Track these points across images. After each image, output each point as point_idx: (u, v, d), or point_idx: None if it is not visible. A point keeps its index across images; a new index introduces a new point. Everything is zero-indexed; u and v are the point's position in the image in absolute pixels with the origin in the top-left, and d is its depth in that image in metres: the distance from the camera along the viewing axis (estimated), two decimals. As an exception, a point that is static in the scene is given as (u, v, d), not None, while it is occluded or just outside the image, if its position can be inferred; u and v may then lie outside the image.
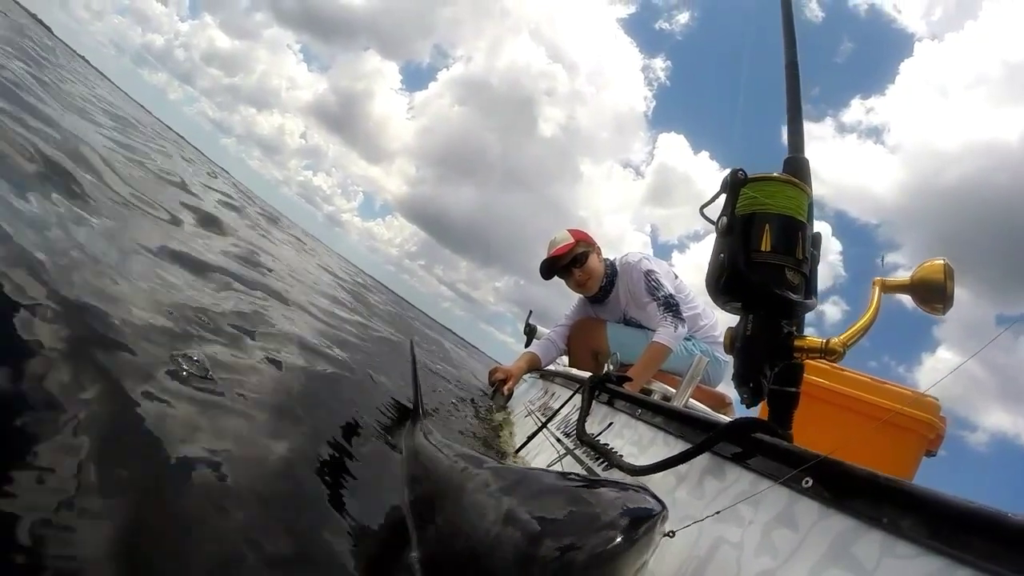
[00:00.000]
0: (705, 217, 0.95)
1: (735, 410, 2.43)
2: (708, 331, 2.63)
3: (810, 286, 0.91)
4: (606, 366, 1.66)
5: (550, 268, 2.72)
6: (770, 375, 0.85)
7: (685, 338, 2.48)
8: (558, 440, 1.53)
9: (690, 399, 1.41)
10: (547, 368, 2.88)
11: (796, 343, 0.85)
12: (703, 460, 0.83)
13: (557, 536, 0.62)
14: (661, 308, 2.41)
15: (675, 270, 2.78)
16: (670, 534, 0.66)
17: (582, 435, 1.27)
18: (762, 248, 0.86)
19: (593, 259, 2.68)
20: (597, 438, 1.26)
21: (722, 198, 0.92)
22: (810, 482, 0.64)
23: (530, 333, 3.70)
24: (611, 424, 1.32)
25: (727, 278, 0.88)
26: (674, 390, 1.67)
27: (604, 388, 1.49)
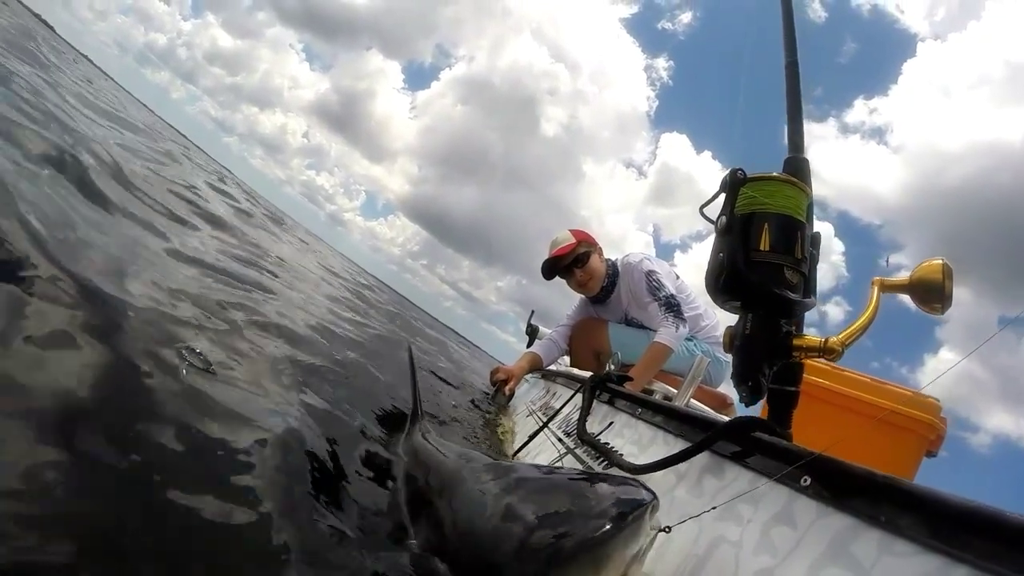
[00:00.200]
0: (705, 216, 0.95)
1: (736, 411, 2.43)
2: (709, 331, 2.62)
3: (809, 285, 0.91)
4: (607, 366, 1.66)
5: (552, 268, 2.72)
6: (769, 374, 0.85)
7: (686, 338, 2.48)
8: (559, 440, 1.53)
9: (691, 399, 1.41)
10: (549, 368, 2.88)
11: (795, 342, 0.85)
12: (702, 459, 0.84)
13: (549, 524, 0.64)
14: (662, 308, 2.41)
15: (676, 270, 2.77)
16: (666, 529, 0.66)
17: (583, 434, 1.27)
18: (761, 247, 0.86)
19: (594, 259, 2.68)
20: (598, 437, 1.26)
21: (721, 197, 0.93)
22: (808, 481, 0.65)
23: (532, 333, 3.70)
24: (611, 423, 1.32)
25: (726, 277, 0.88)
26: (675, 391, 1.66)
27: (605, 388, 1.49)
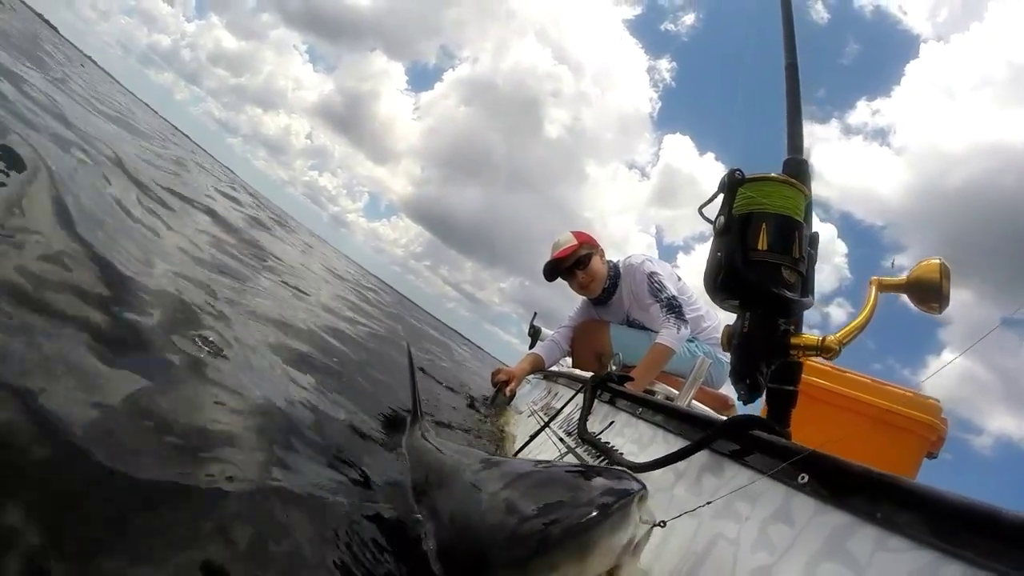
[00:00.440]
0: (704, 217, 0.96)
1: (737, 412, 2.42)
2: (711, 333, 2.62)
3: (807, 285, 0.92)
4: (609, 366, 1.66)
5: (553, 270, 2.73)
6: (767, 372, 0.85)
7: (688, 340, 2.48)
8: (560, 440, 1.54)
9: (693, 400, 1.41)
10: (550, 369, 2.88)
11: (792, 340, 0.85)
12: (701, 457, 0.84)
13: (538, 513, 0.66)
14: (664, 310, 2.41)
15: (678, 272, 2.77)
16: (661, 524, 0.67)
17: (583, 434, 1.28)
18: (759, 247, 0.86)
19: (596, 261, 2.68)
20: (598, 437, 1.26)
21: (720, 198, 0.93)
22: (806, 478, 0.65)
23: (534, 335, 3.70)
24: (612, 423, 1.33)
25: (724, 276, 0.89)
26: (677, 392, 1.67)
27: (606, 388, 1.49)
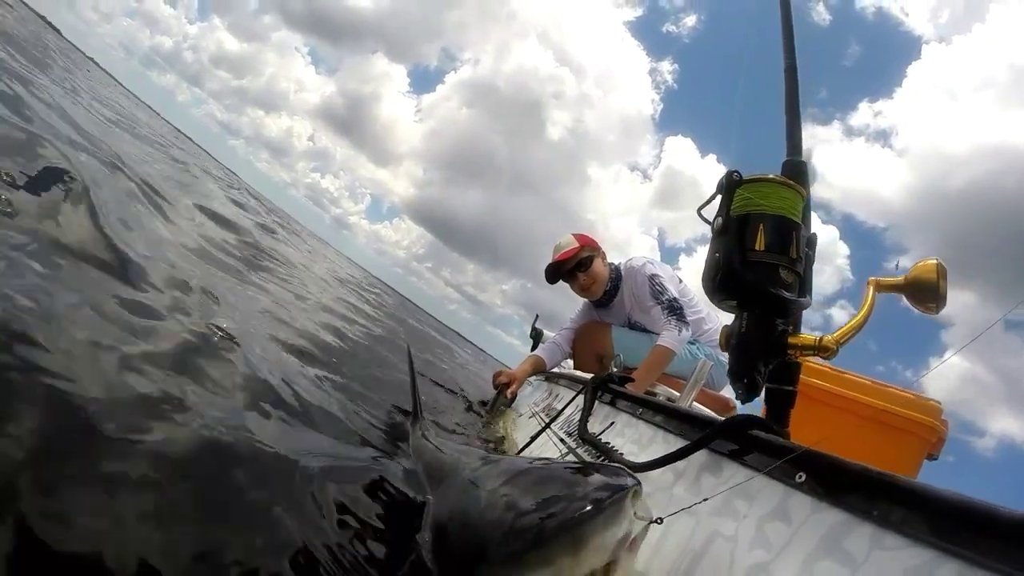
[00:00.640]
0: (702, 218, 0.96)
1: (738, 413, 2.42)
2: (712, 335, 2.62)
3: (804, 285, 0.92)
4: (610, 367, 1.67)
5: (555, 272, 2.73)
6: (765, 372, 0.86)
7: (689, 342, 2.48)
8: (561, 440, 1.54)
9: (694, 402, 1.41)
10: (552, 371, 2.89)
11: (790, 340, 0.86)
12: (701, 456, 0.84)
13: (534, 509, 0.67)
14: (665, 312, 2.41)
15: (680, 274, 2.78)
16: (658, 521, 0.67)
17: (584, 434, 1.28)
18: (756, 247, 0.87)
19: (597, 263, 2.68)
20: (599, 437, 1.27)
21: (718, 199, 0.94)
22: (803, 477, 0.65)
23: (536, 337, 3.71)
24: (613, 423, 1.33)
25: (722, 276, 0.89)
26: (678, 394, 1.67)
27: (607, 388, 1.50)
